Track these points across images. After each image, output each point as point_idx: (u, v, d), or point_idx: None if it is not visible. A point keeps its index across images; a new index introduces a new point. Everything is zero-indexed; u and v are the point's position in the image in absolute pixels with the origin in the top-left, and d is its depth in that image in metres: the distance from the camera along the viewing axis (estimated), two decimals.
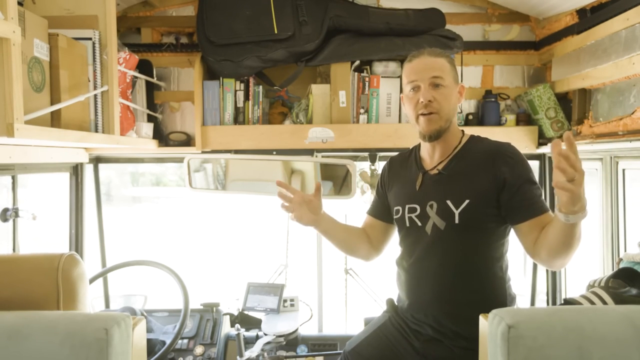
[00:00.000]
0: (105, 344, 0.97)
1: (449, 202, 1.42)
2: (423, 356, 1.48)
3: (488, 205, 1.39)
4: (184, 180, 2.36)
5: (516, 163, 1.39)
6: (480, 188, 1.39)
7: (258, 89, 2.27)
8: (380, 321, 1.64)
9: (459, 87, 1.50)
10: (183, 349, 2.22)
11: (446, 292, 1.44)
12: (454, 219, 1.40)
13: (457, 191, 1.42)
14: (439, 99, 1.42)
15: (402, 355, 1.53)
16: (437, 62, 1.44)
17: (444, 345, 1.44)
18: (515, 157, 1.40)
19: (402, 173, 1.61)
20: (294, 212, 1.57)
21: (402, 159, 1.65)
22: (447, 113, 1.44)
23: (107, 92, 1.76)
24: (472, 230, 1.41)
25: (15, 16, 1.19)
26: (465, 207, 1.39)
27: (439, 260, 1.45)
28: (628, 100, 1.78)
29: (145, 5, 2.36)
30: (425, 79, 1.42)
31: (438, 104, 1.42)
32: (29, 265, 1.15)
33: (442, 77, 1.42)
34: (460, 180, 1.43)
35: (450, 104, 1.45)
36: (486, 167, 1.40)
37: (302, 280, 2.81)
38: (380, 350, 1.58)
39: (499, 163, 1.38)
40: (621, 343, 0.87)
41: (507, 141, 1.46)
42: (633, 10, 1.64)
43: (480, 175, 1.40)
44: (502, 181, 1.37)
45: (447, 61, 1.46)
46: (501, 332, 0.88)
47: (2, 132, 1.17)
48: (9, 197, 1.89)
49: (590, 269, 2.03)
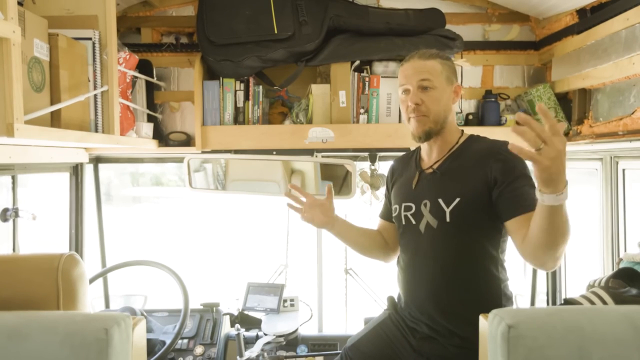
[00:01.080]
0: (105, 344, 0.96)
1: (440, 200, 1.43)
2: (419, 354, 1.50)
3: (479, 203, 1.38)
4: (184, 180, 2.36)
5: (508, 160, 1.36)
6: (471, 186, 1.39)
7: (258, 89, 2.27)
8: (381, 318, 1.67)
9: (454, 87, 1.49)
10: (183, 349, 2.22)
11: (440, 291, 1.45)
12: (445, 217, 1.41)
13: (449, 189, 1.43)
14: (427, 101, 1.44)
15: (399, 352, 1.55)
16: (427, 64, 1.45)
17: (439, 343, 1.46)
18: (508, 154, 1.36)
19: (403, 173, 1.63)
20: (305, 214, 1.62)
21: (406, 160, 1.67)
22: (436, 115, 1.45)
23: (107, 92, 1.76)
24: (464, 229, 1.41)
25: (15, 16, 1.19)
26: (455, 205, 1.40)
27: (433, 259, 1.46)
28: (628, 100, 1.78)
29: (145, 5, 2.35)
30: (413, 82, 1.45)
31: (426, 106, 1.44)
32: (29, 265, 1.15)
33: (430, 79, 1.44)
34: (453, 179, 1.44)
35: (440, 105, 1.45)
36: (479, 165, 1.40)
37: (302, 280, 2.81)
38: (379, 346, 1.60)
39: (491, 161, 1.38)
40: (621, 343, 0.87)
41: (505, 140, 1.44)
42: (633, 10, 1.64)
43: (473, 174, 1.40)
44: (493, 179, 1.37)
45: (438, 62, 1.46)
46: (501, 332, 0.88)
47: (2, 132, 1.17)
48: (9, 197, 1.89)
49: (590, 269, 2.03)
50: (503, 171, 1.36)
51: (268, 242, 6.08)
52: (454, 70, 1.52)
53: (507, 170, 1.35)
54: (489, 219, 1.40)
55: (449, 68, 1.49)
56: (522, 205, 1.32)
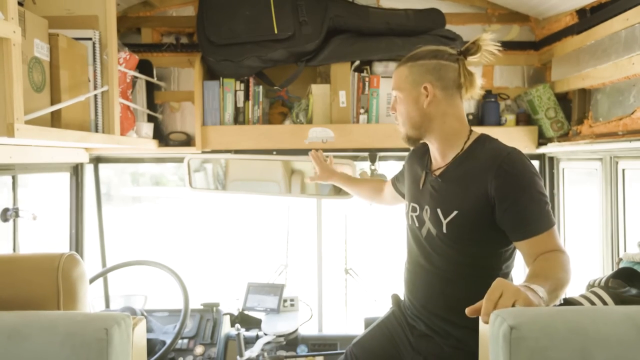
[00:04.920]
0: (105, 344, 0.96)
1: (439, 210, 1.39)
2: (417, 352, 1.50)
3: (478, 219, 1.32)
4: (184, 180, 2.36)
5: (508, 175, 1.26)
6: (470, 201, 1.33)
7: (258, 89, 2.27)
8: (385, 316, 1.68)
9: (423, 87, 1.38)
10: (183, 349, 2.22)
11: (436, 296, 1.44)
12: (442, 229, 1.37)
13: (448, 201, 1.38)
14: (398, 110, 1.45)
15: (400, 349, 1.57)
16: (396, 73, 1.45)
17: (435, 342, 1.45)
18: (512, 168, 1.27)
19: (415, 167, 1.58)
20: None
21: (423, 151, 1.58)
22: (405, 121, 1.43)
23: (107, 92, 1.76)
24: (461, 242, 1.37)
25: (16, 16, 1.19)
26: (452, 219, 1.35)
27: (431, 265, 1.44)
28: (628, 100, 1.78)
29: (146, 5, 2.35)
30: (392, 92, 1.48)
31: (398, 114, 1.46)
32: (29, 265, 1.15)
33: (397, 88, 1.44)
34: (453, 190, 1.38)
35: (407, 111, 1.41)
36: (480, 178, 1.31)
37: (302, 280, 2.81)
38: (382, 343, 1.61)
39: (492, 176, 1.28)
40: (624, 344, 0.86)
41: (513, 146, 1.34)
42: (633, 10, 1.64)
43: (473, 187, 1.33)
44: (493, 197, 1.28)
45: (407, 67, 1.41)
46: (503, 333, 0.88)
47: (3, 132, 1.17)
48: (9, 197, 1.89)
49: (590, 269, 2.03)
50: (503, 189, 1.26)
51: (268, 242, 6.08)
52: (429, 70, 1.38)
53: (508, 188, 1.26)
54: (489, 233, 1.33)
55: (419, 69, 1.39)
56: (526, 230, 1.25)
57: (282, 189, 2.34)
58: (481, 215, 1.31)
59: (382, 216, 5.50)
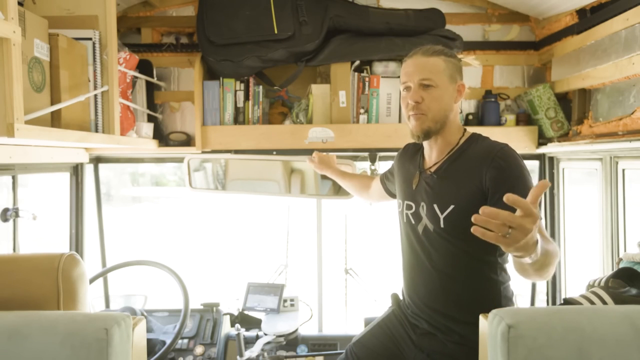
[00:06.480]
0: (105, 344, 0.97)
1: (435, 205, 1.41)
2: (419, 349, 1.51)
3: (475, 211, 1.32)
4: (184, 180, 2.36)
5: (501, 168, 1.30)
6: (466, 194, 1.35)
7: (258, 89, 2.27)
8: (385, 315, 1.69)
9: (458, 86, 1.45)
10: (183, 349, 2.22)
11: (436, 293, 1.45)
12: (440, 223, 1.40)
13: (444, 195, 1.40)
14: (428, 100, 1.40)
15: (402, 347, 1.57)
16: (429, 62, 1.41)
17: (438, 339, 1.46)
18: (505, 161, 1.31)
19: (407, 165, 1.60)
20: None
21: (414, 151, 1.62)
22: (436, 114, 1.41)
23: (107, 92, 1.76)
24: (458, 236, 1.38)
25: (16, 16, 1.19)
26: (449, 213, 1.37)
27: (429, 261, 1.45)
28: (628, 100, 1.78)
29: (145, 5, 2.35)
30: (415, 79, 1.41)
31: (426, 105, 1.41)
32: (29, 265, 1.15)
33: (431, 78, 1.40)
34: (449, 184, 1.41)
35: (441, 104, 1.41)
36: (475, 171, 1.35)
37: (302, 280, 2.81)
38: (382, 341, 1.62)
39: (487, 168, 1.32)
40: (621, 344, 0.87)
41: (505, 142, 1.38)
42: (633, 10, 1.64)
43: (468, 181, 1.36)
44: (487, 188, 1.31)
45: (442, 60, 1.42)
46: (501, 332, 0.88)
47: (3, 132, 1.17)
48: (9, 197, 1.89)
49: (590, 269, 2.03)
50: (497, 180, 1.30)
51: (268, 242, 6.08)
52: (459, 68, 1.46)
53: (501, 179, 1.30)
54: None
55: (453, 66, 1.44)
56: None
57: (282, 189, 2.35)
58: (477, 207, 1.31)
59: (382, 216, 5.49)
